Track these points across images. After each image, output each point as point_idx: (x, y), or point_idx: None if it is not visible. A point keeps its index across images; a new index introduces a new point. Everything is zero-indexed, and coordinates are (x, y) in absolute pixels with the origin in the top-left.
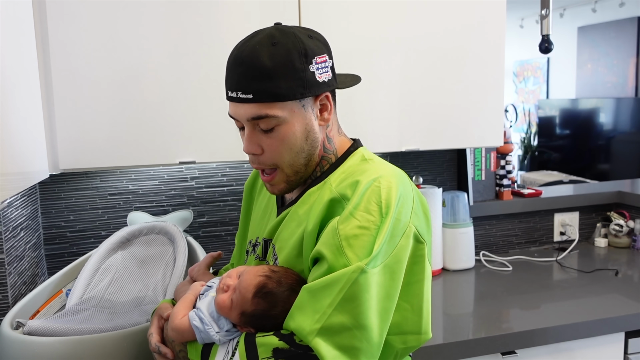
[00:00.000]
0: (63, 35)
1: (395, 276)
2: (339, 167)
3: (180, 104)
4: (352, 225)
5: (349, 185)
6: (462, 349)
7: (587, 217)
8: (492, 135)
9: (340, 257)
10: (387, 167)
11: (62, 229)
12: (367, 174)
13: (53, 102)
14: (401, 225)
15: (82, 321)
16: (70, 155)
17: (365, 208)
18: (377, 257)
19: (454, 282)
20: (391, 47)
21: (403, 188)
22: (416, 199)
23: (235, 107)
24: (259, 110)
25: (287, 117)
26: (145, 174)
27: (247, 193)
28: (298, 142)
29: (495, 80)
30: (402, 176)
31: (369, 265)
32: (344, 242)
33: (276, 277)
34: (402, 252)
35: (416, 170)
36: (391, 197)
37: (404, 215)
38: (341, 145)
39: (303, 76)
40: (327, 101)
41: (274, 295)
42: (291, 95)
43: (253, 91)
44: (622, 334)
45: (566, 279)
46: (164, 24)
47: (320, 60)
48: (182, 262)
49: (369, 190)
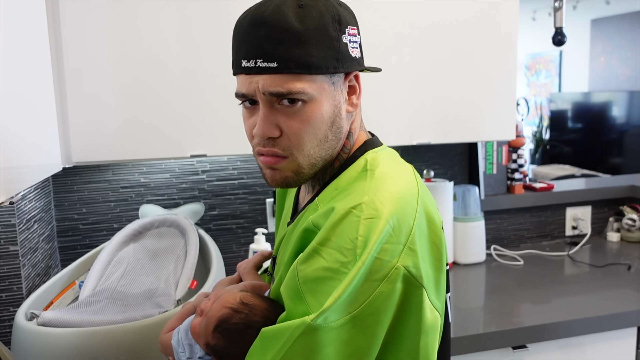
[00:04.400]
0: (76, 30)
1: (369, 330)
2: (336, 179)
3: (191, 97)
4: (316, 265)
5: (325, 213)
6: (473, 343)
7: (600, 211)
8: (504, 129)
9: (300, 304)
10: (387, 186)
11: (75, 222)
12: (351, 196)
13: (66, 95)
14: (382, 266)
15: (95, 312)
16: (83, 148)
17: (336, 245)
18: (337, 309)
19: (465, 276)
20: (403, 41)
21: (397, 218)
22: (419, 231)
23: (248, 80)
24: (284, 83)
25: (315, 94)
26: (157, 167)
27: (279, 196)
28: (324, 127)
29: (508, 73)
30: (407, 200)
31: (318, 320)
32: (304, 287)
33: (245, 310)
34: (381, 301)
35: (427, 164)
36: (372, 231)
37: (388, 254)
38: (356, 144)
39: (337, 46)
40: (357, 82)
41: (235, 333)
42: (324, 67)
43: (278, 58)
44: (634, 329)
45: (578, 273)
46: (175, 18)
47: (352, 32)
48: (194, 254)
49: (344, 221)
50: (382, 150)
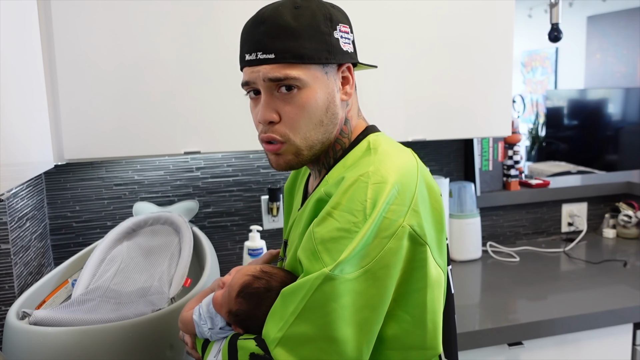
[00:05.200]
0: (67, 25)
1: (380, 283)
2: (342, 160)
3: (185, 94)
4: (330, 227)
5: (336, 183)
6: (469, 340)
7: (596, 207)
8: (500, 125)
9: (317, 262)
10: (390, 160)
11: (68, 219)
12: (358, 168)
13: (58, 91)
14: (390, 224)
15: (88, 311)
16: (76, 145)
17: (347, 207)
18: (350, 262)
19: (461, 273)
20: (399, 37)
21: (401, 184)
22: (421, 196)
23: (252, 71)
24: (280, 71)
25: (309, 81)
26: (151, 164)
27: (287, 194)
28: (318, 112)
29: (503, 69)
30: (408, 171)
31: (335, 271)
32: (320, 246)
33: (265, 277)
34: (390, 256)
35: (423, 161)
36: (380, 194)
37: (394, 214)
38: (356, 130)
39: (328, 40)
40: (350, 74)
41: (257, 296)
42: (316, 57)
43: (275, 50)
44: (630, 325)
45: (574, 270)
46: (170, 15)
47: (344, 29)
48: (188, 252)
49: (353, 186)
50: (382, 135)
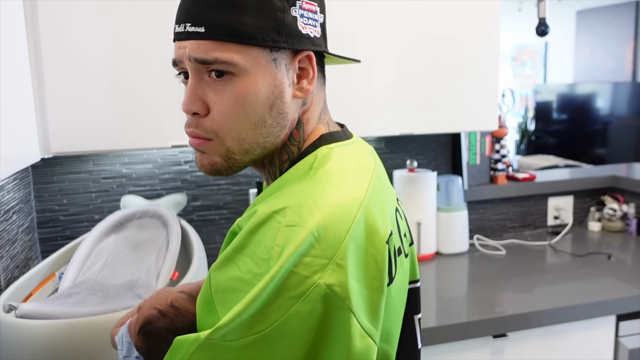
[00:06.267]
0: (54, 15)
1: (280, 355)
2: (281, 176)
3: (173, 87)
4: (229, 274)
5: (248, 216)
6: (455, 332)
7: (581, 201)
8: (487, 119)
9: (210, 315)
10: (323, 190)
11: (56, 213)
12: (280, 199)
13: (44, 83)
14: (300, 282)
15: (74, 304)
16: (62, 138)
17: (252, 253)
18: (240, 326)
19: (448, 266)
20: (387, 31)
21: (324, 229)
22: (353, 244)
23: (179, 46)
24: (210, 51)
25: (248, 67)
26: (139, 157)
27: None
28: (259, 109)
29: (490, 64)
30: (343, 208)
31: (214, 337)
32: (215, 296)
33: (171, 315)
34: (297, 322)
35: (411, 155)
36: (290, 241)
37: (306, 268)
38: (310, 137)
39: (280, 17)
40: (309, 64)
41: (157, 337)
42: (259, 37)
43: (207, 23)
44: (613, 317)
45: (559, 262)
46: (158, 6)
47: (308, 6)
48: (176, 246)
49: (263, 226)
50: (340, 146)
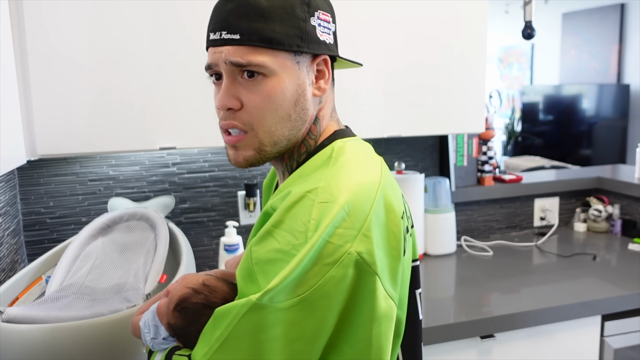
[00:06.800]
0: (40, 16)
1: (318, 314)
2: (302, 166)
3: (161, 88)
4: (269, 247)
5: (282, 197)
6: (442, 333)
7: (567, 202)
8: (474, 122)
9: (252, 284)
10: (346, 175)
11: (42, 215)
12: (310, 181)
13: (30, 85)
14: (334, 250)
15: (61, 308)
16: (49, 140)
17: (289, 227)
18: (284, 290)
19: (436, 267)
20: (375, 33)
21: (352, 204)
22: (375, 219)
23: (215, 51)
24: (245, 55)
25: (277, 69)
26: (126, 159)
27: (265, 192)
28: (286, 105)
29: (477, 68)
30: (365, 189)
31: (264, 299)
32: (256, 268)
33: (205, 292)
34: (332, 286)
35: (399, 156)
36: (325, 215)
37: (341, 238)
38: (325, 132)
39: (303, 26)
40: (326, 67)
41: (193, 312)
42: (286, 43)
43: (241, 30)
44: (598, 317)
45: (545, 263)
46: (145, 8)
47: (324, 17)
48: (164, 248)
49: (298, 204)
50: (351, 141)
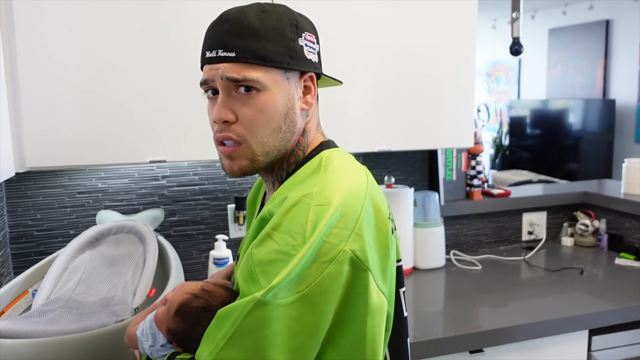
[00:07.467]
0: (30, 29)
1: (317, 309)
2: (293, 175)
3: (151, 101)
4: (269, 249)
5: (279, 202)
6: (431, 348)
7: (555, 216)
8: (463, 137)
9: (253, 285)
10: (337, 180)
11: (29, 228)
12: (303, 187)
13: (19, 97)
14: (330, 248)
15: (48, 322)
16: (37, 153)
17: (287, 229)
18: (285, 287)
19: (425, 281)
20: (366, 50)
21: (345, 207)
22: (366, 219)
23: (211, 68)
24: (240, 71)
25: (269, 84)
26: (116, 172)
27: (250, 206)
28: (277, 118)
29: (466, 83)
30: (355, 192)
31: (268, 296)
32: (257, 269)
33: (205, 296)
34: (329, 282)
35: (388, 170)
36: (321, 217)
37: (336, 237)
38: (312, 144)
39: (292, 45)
40: (312, 83)
41: (194, 316)
42: (278, 61)
43: (237, 49)
44: (586, 332)
45: (533, 277)
46: (135, 21)
47: (310, 38)
48: (153, 261)
49: (295, 207)
50: (337, 151)
